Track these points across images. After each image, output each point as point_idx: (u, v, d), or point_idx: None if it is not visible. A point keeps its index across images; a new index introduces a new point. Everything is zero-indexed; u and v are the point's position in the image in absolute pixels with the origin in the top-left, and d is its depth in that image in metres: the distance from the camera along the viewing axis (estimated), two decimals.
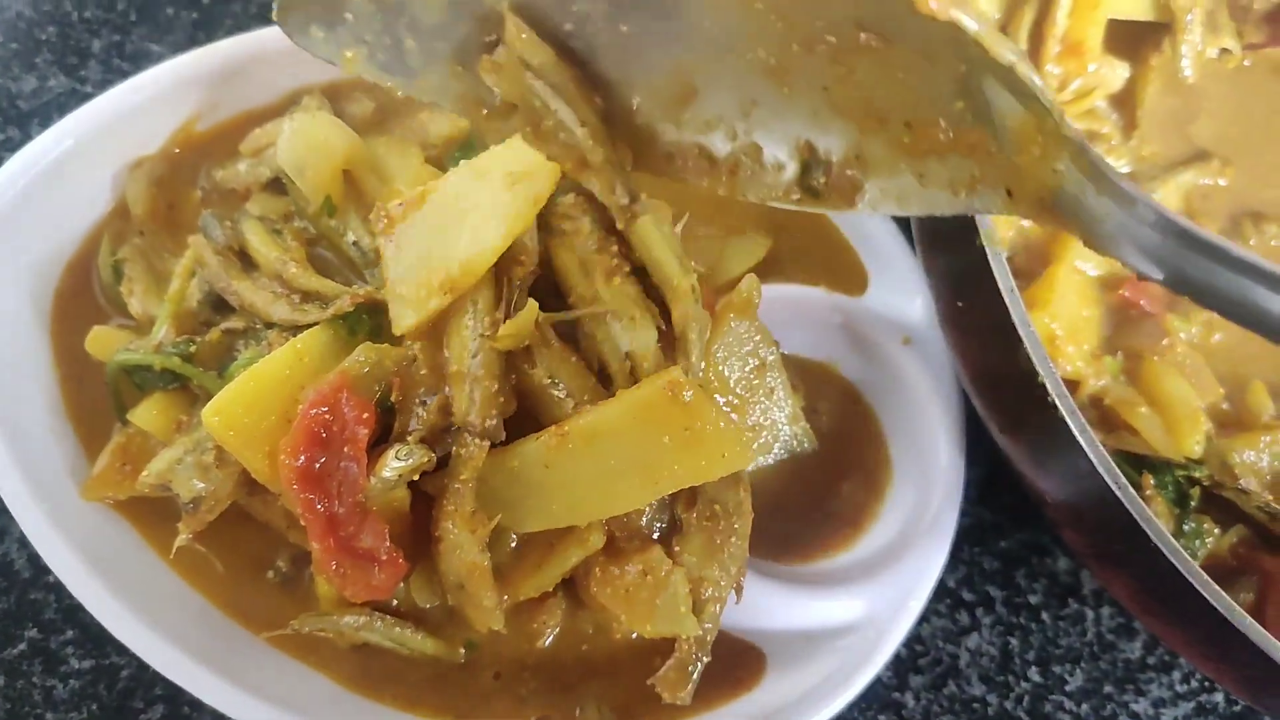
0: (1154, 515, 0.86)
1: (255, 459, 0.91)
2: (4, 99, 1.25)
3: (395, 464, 0.91)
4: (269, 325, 0.99)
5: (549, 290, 0.98)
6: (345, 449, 0.90)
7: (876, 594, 1.06)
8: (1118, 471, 0.88)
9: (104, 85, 1.16)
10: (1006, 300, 0.92)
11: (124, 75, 1.16)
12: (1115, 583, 1.01)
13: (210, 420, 0.90)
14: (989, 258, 0.93)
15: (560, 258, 0.97)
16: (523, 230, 0.93)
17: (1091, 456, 0.88)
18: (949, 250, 1.02)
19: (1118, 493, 0.87)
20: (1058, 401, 0.89)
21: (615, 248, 0.96)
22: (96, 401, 1.06)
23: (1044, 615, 1.19)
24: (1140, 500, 0.87)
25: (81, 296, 1.11)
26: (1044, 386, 0.90)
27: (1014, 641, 1.18)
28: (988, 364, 1.01)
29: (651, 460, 0.92)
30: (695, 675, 0.97)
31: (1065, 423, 0.89)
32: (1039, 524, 1.22)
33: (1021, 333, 0.91)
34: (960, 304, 1.02)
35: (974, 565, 1.20)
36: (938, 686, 1.15)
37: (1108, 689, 1.17)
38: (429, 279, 0.92)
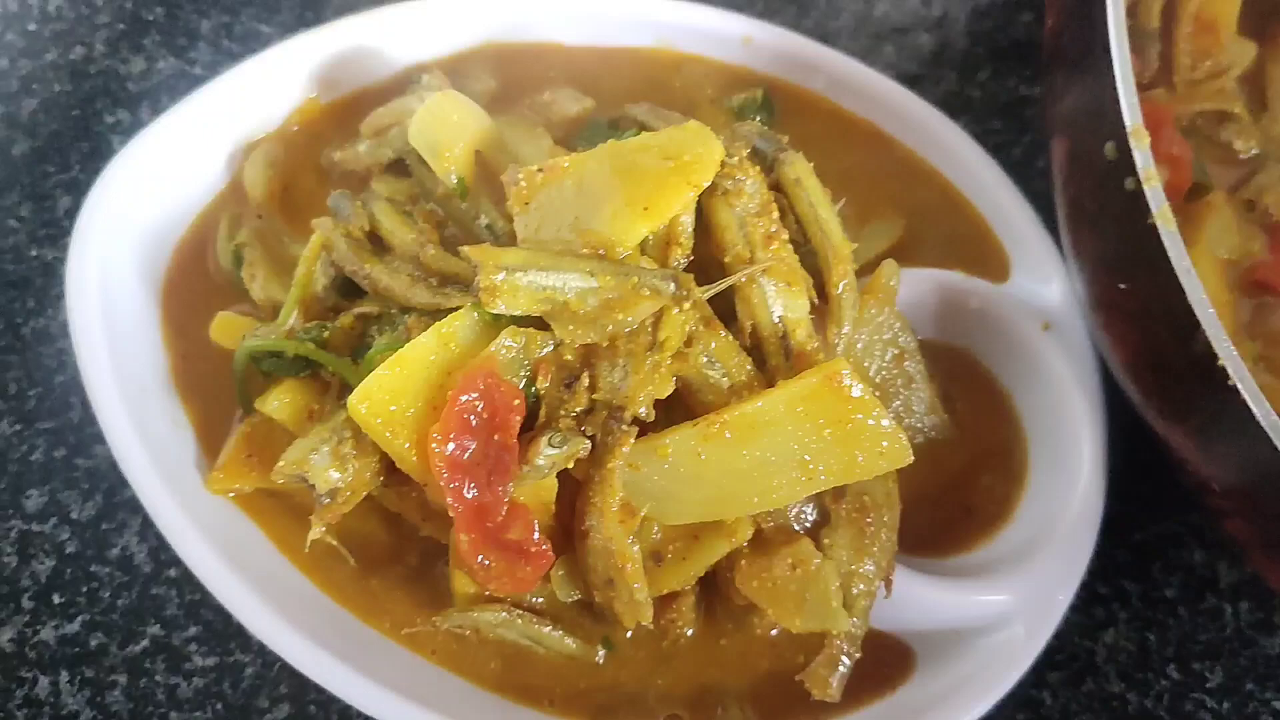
0: None
1: (402, 447, 0.88)
2: (113, 81, 1.22)
3: (549, 451, 0.87)
4: (405, 310, 0.96)
5: (698, 270, 0.94)
6: (496, 436, 0.87)
7: (1022, 589, 1.02)
8: None
9: (213, 67, 1.14)
10: (1183, 281, 0.88)
11: (233, 56, 1.14)
12: None
13: (356, 407, 0.87)
14: (1163, 237, 0.89)
15: (720, 215, 0.94)
16: (682, 211, 0.89)
17: (1277, 441, 0.84)
18: (1109, 232, 0.99)
19: None
20: (1239, 385, 0.86)
21: (775, 212, 0.93)
22: (210, 388, 1.04)
23: (1181, 610, 1.15)
24: None
25: (190, 280, 1.08)
26: (1224, 370, 0.86)
27: (1151, 637, 1.14)
28: (1153, 348, 0.97)
29: (810, 454, 0.89)
30: (845, 671, 0.94)
31: (1247, 406, 0.85)
32: (1173, 515, 1.18)
33: (1200, 315, 0.87)
34: (1122, 286, 0.98)
35: (1108, 558, 1.15)
36: (1075, 684, 1.11)
37: (1249, 686, 1.13)
38: (574, 247, 0.89)
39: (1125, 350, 1.02)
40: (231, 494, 0.99)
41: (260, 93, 1.09)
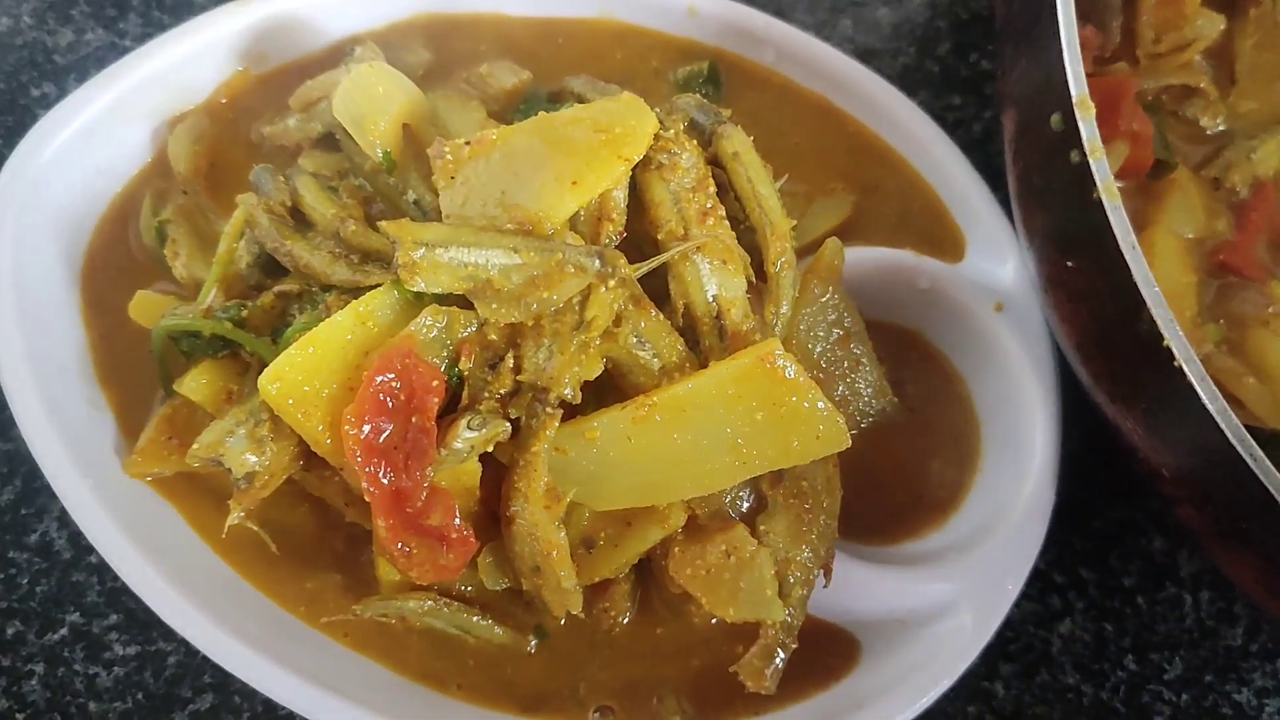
0: None
1: (315, 430, 0.85)
2: (39, 53, 1.18)
3: (468, 434, 0.84)
4: (326, 288, 0.93)
5: (633, 247, 0.91)
6: (414, 419, 0.84)
7: (971, 576, 0.99)
8: (1251, 441, 0.81)
9: (143, 39, 1.09)
10: (1128, 257, 0.85)
11: (164, 28, 1.10)
12: (1239, 563, 0.95)
13: (267, 388, 0.84)
14: (1108, 212, 0.86)
15: (653, 190, 0.91)
16: (613, 186, 0.86)
17: (1223, 425, 0.81)
18: (1057, 206, 0.95)
19: (1252, 464, 0.80)
20: (1185, 366, 0.82)
21: (712, 188, 0.90)
22: (132, 369, 1.01)
23: (1139, 599, 1.12)
24: (1277, 473, 0.80)
25: (113, 258, 1.05)
26: (1169, 350, 0.83)
27: (1109, 627, 1.11)
28: (1101, 327, 0.94)
29: (743, 438, 0.87)
30: (780, 663, 0.92)
31: (1193, 389, 0.82)
32: (1131, 501, 1.15)
33: (1144, 292, 0.84)
34: (1070, 263, 0.94)
35: (1065, 545, 1.13)
36: (1029, 675, 1.08)
37: (1208, 678, 1.10)
38: (499, 222, 0.86)
39: (1074, 330, 0.98)
40: (150, 478, 0.96)
41: (186, 64, 1.05)
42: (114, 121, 1.03)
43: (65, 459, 0.92)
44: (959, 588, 0.99)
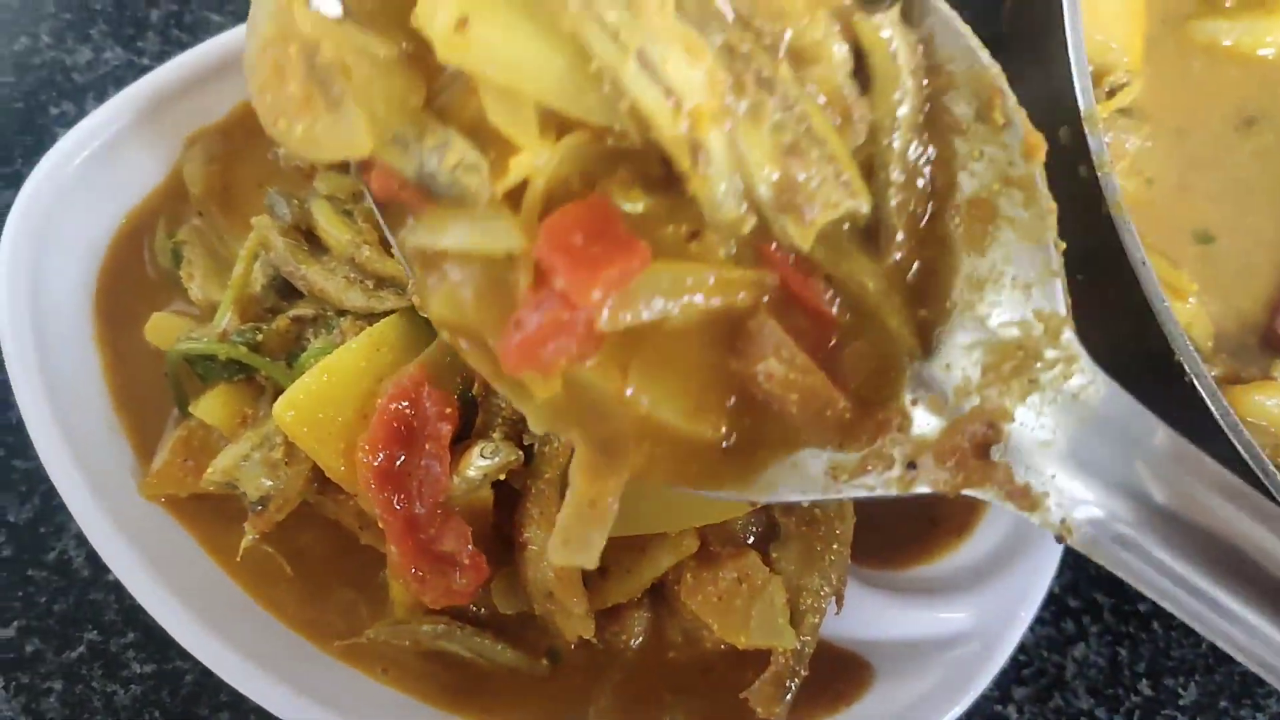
0: None
1: (330, 456, 0.86)
2: (58, 72, 1.19)
3: (480, 462, 0.85)
4: (341, 313, 0.93)
5: None
6: (427, 446, 0.85)
7: (984, 602, 0.99)
8: (1264, 457, 0.81)
9: (162, 57, 1.10)
10: (1139, 273, 0.84)
11: (182, 47, 1.10)
12: None
13: (282, 415, 0.85)
14: (1118, 227, 0.85)
15: None
16: None
17: (1236, 442, 0.81)
18: (1065, 221, 0.95)
19: (1265, 480, 0.80)
20: (1196, 382, 0.82)
21: None
22: (146, 391, 1.01)
23: (1154, 624, 1.12)
24: None
25: (126, 278, 1.05)
26: (1180, 366, 0.83)
27: (1123, 652, 1.10)
28: (1110, 344, 0.93)
29: None
30: (792, 690, 0.92)
31: (1205, 405, 0.82)
32: None
33: (1156, 307, 0.84)
34: (1080, 278, 0.94)
35: (1080, 570, 1.12)
36: (1043, 699, 1.08)
37: (1223, 704, 1.09)
38: None
39: (1084, 346, 0.98)
40: (164, 499, 0.97)
41: (203, 84, 1.05)
42: (132, 142, 1.03)
43: (81, 480, 0.93)
44: (972, 614, 0.99)
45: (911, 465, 0.69)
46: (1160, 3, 1.17)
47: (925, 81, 0.71)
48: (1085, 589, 1.12)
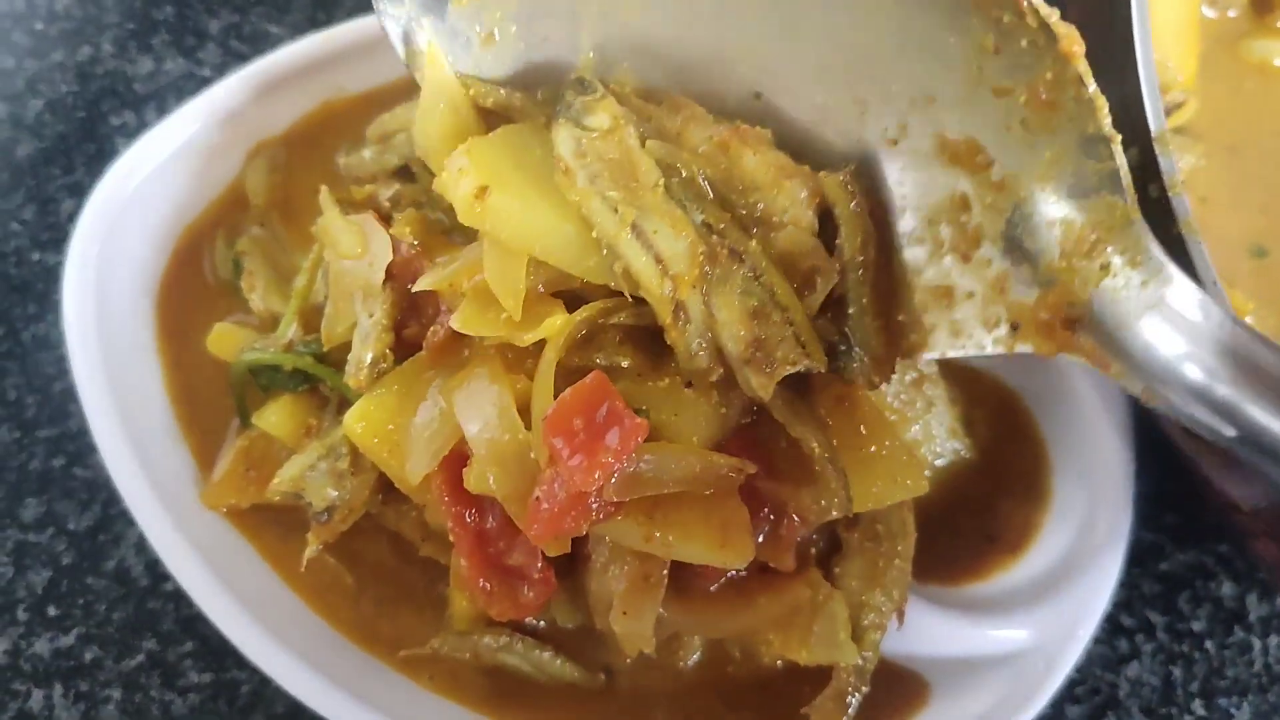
0: None
1: (400, 468, 0.86)
2: (120, 82, 1.20)
3: None
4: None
5: None
6: None
7: (1043, 620, 0.98)
8: None
9: (221, 68, 1.11)
10: (1209, 293, 0.84)
11: (242, 58, 1.11)
12: None
13: (353, 427, 0.85)
14: (1189, 248, 0.85)
15: None
16: None
17: None
18: None
19: None
20: None
21: None
22: (206, 400, 1.02)
23: (1208, 644, 1.11)
24: None
25: (187, 286, 1.06)
26: None
27: (1176, 671, 1.10)
28: None
29: None
30: (853, 706, 0.91)
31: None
32: (1202, 545, 1.14)
33: None
34: None
35: (1133, 589, 1.12)
36: (1096, 718, 1.07)
37: None
38: None
39: None
40: (224, 509, 0.97)
41: (265, 96, 1.07)
42: (194, 153, 1.04)
43: (145, 487, 0.94)
44: (1030, 632, 0.98)
45: (1014, 326, 0.76)
46: (1213, 23, 1.17)
47: None
48: (1139, 607, 1.12)
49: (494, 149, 0.82)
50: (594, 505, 0.77)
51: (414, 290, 0.86)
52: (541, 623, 0.96)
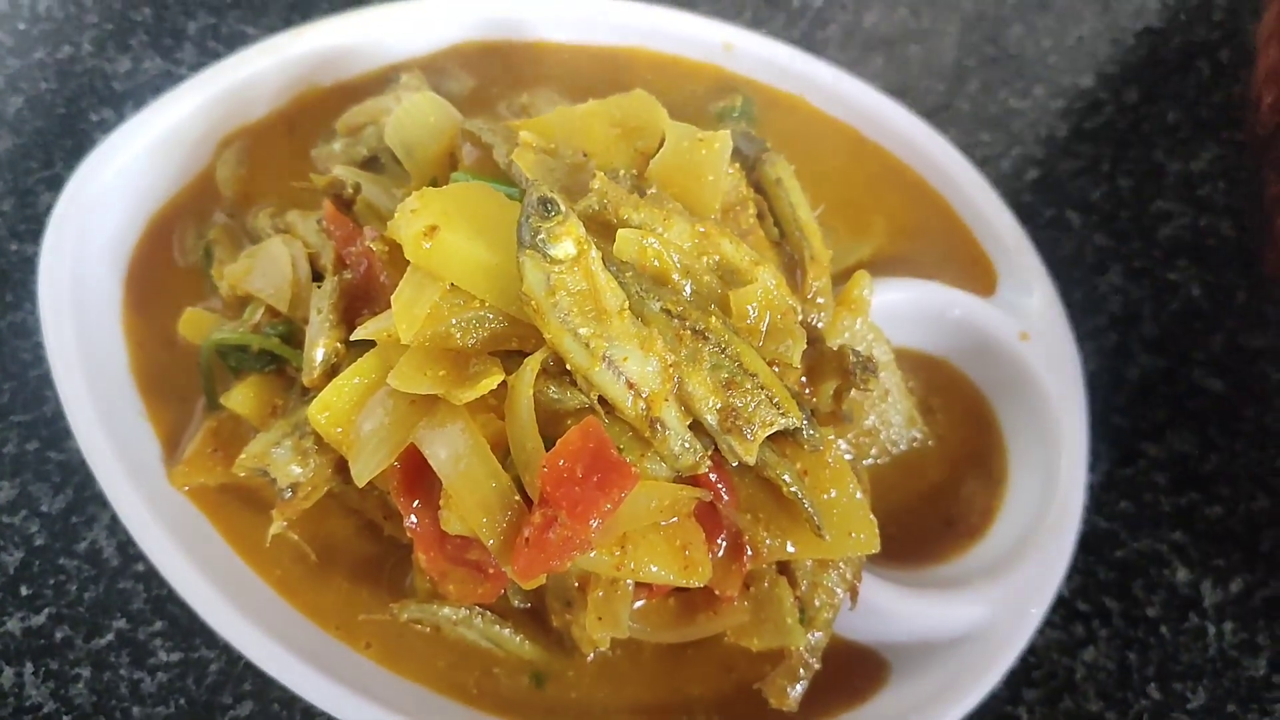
0: None
1: None
2: (99, 80, 1.23)
3: None
4: None
5: None
6: None
7: (997, 599, 1.01)
8: None
9: (199, 67, 1.13)
10: None
11: (218, 57, 1.14)
12: None
13: (317, 417, 0.87)
14: None
15: None
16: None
17: None
18: None
19: None
20: None
21: (753, 212, 0.94)
22: (172, 382, 1.04)
23: (1163, 629, 1.13)
24: None
25: (154, 272, 1.08)
26: None
27: (1132, 656, 1.11)
28: None
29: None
30: (804, 682, 0.93)
31: None
32: (1157, 533, 1.16)
33: None
34: None
35: (1089, 575, 1.14)
36: (1053, 701, 1.09)
37: (1231, 708, 1.10)
38: None
39: None
40: (188, 489, 0.99)
41: (237, 90, 1.09)
42: (169, 145, 1.07)
43: (119, 469, 0.95)
44: (984, 611, 1.00)
45: None
46: None
47: None
48: (1094, 593, 1.13)
49: (445, 197, 0.84)
50: (580, 544, 0.79)
51: (351, 340, 0.88)
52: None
